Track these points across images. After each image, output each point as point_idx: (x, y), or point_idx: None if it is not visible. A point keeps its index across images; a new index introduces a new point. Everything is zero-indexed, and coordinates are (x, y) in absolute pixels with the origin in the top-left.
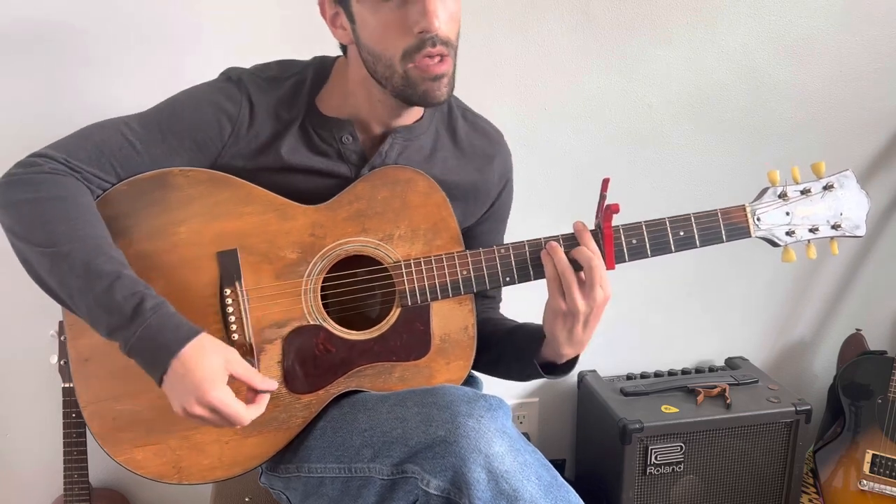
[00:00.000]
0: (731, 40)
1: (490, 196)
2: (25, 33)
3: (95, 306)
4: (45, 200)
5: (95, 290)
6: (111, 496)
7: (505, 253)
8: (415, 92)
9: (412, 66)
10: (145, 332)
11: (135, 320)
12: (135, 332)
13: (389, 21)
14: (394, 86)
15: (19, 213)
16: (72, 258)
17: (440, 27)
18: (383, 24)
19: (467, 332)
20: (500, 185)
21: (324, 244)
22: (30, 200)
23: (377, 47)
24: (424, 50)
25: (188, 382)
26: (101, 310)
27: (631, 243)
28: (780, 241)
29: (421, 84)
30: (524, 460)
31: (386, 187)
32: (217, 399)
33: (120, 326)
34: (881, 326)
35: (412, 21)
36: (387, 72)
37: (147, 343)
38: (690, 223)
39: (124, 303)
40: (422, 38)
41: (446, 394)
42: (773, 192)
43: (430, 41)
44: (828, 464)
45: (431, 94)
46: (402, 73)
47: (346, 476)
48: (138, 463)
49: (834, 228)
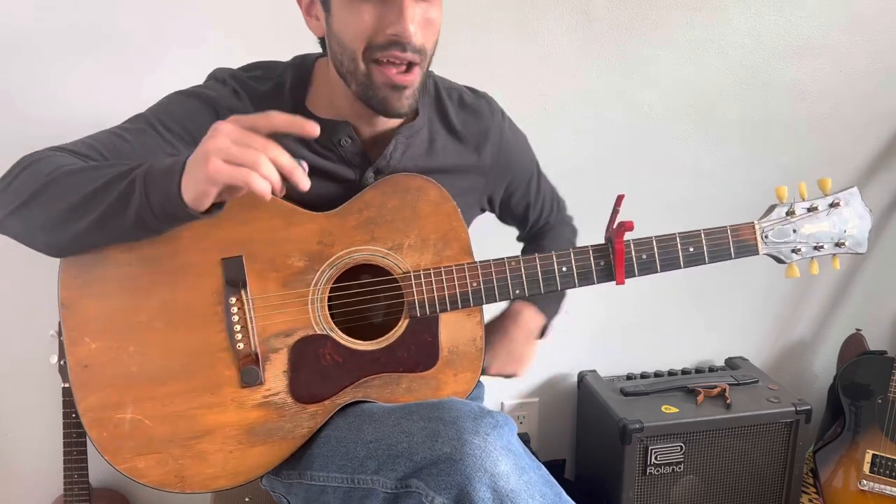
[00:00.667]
0: (732, 40)
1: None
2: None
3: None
4: (34, 163)
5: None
6: (111, 496)
7: (515, 266)
8: (375, 96)
9: (376, 67)
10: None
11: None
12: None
13: (363, 14)
14: (357, 82)
15: (14, 186)
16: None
17: (415, 34)
18: (356, 15)
19: (475, 344)
20: (501, 156)
21: (332, 252)
22: (21, 171)
23: (345, 38)
24: (391, 51)
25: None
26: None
27: (641, 258)
28: (786, 259)
29: (382, 90)
30: (529, 479)
31: (396, 195)
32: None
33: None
34: (881, 326)
35: (387, 21)
36: (350, 65)
37: (163, 160)
38: (700, 239)
39: (135, 166)
40: (392, 39)
41: (452, 409)
42: (780, 208)
43: (399, 45)
44: (828, 464)
45: (391, 102)
46: (365, 70)
47: (349, 486)
48: (140, 472)
49: (837, 246)
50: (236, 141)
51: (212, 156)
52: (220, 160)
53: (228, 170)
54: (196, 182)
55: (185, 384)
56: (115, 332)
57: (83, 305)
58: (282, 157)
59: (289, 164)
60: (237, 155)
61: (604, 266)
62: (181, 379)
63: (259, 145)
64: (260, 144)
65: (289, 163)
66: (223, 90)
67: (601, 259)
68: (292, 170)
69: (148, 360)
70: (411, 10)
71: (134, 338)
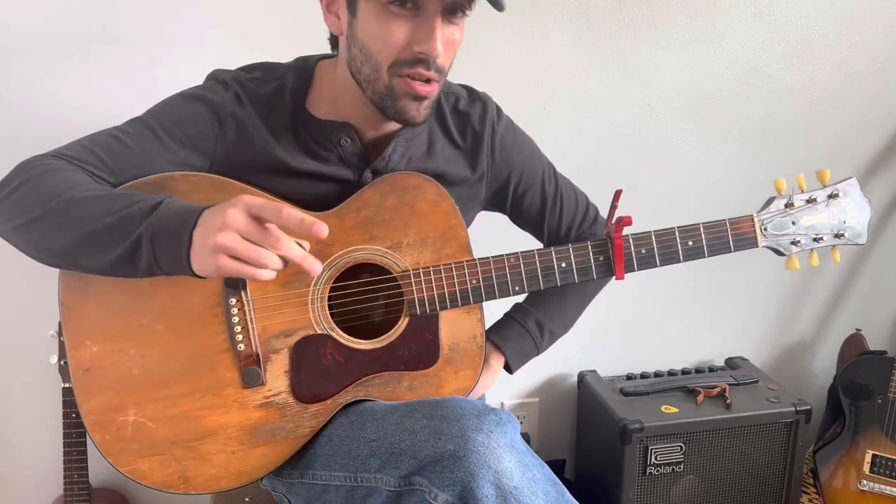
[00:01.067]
0: (732, 40)
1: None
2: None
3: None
4: (38, 177)
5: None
6: (111, 496)
7: (514, 263)
8: (393, 105)
9: (398, 79)
10: (167, 209)
11: (156, 208)
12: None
13: (395, 29)
14: (374, 91)
15: (14, 198)
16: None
17: (440, 54)
18: (387, 29)
19: (476, 342)
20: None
21: (331, 252)
22: (23, 182)
23: (371, 47)
24: (416, 69)
25: (217, 209)
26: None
27: (640, 253)
28: (786, 251)
29: (401, 99)
30: (532, 476)
31: (394, 194)
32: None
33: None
34: (881, 326)
35: (415, 39)
36: (372, 75)
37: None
38: (699, 233)
39: (143, 203)
40: (418, 57)
41: (455, 407)
42: (779, 201)
43: (424, 63)
44: (828, 464)
45: (408, 111)
46: (387, 82)
47: (351, 485)
48: (143, 473)
49: (837, 237)
50: (246, 235)
51: (220, 252)
52: (228, 257)
53: (235, 266)
54: (204, 268)
55: (186, 386)
56: (116, 335)
57: (84, 308)
58: (291, 251)
59: (298, 255)
60: (245, 254)
61: (603, 261)
62: (183, 381)
63: (269, 242)
64: (270, 241)
65: (298, 254)
66: (226, 94)
67: (600, 254)
68: (301, 260)
69: (149, 362)
70: (440, 32)
71: (135, 340)
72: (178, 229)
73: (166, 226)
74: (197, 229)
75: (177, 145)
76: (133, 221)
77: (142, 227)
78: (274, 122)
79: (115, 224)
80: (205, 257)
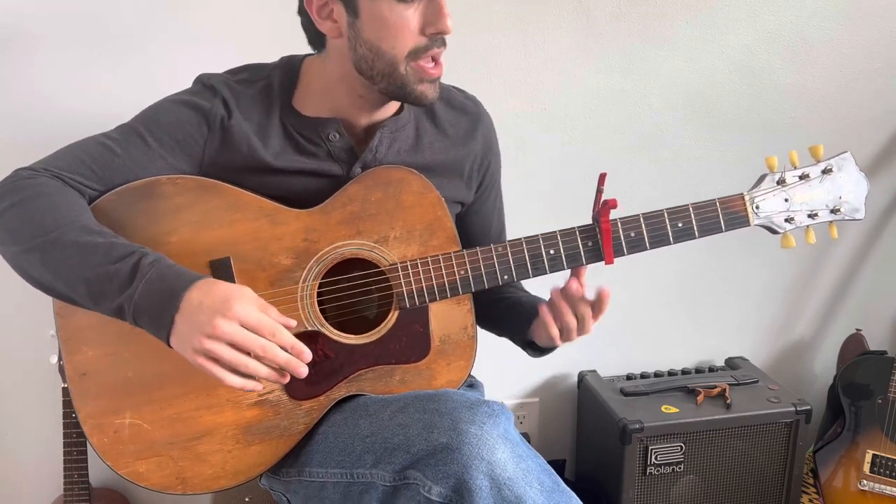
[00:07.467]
0: (731, 40)
1: (481, 167)
2: None
3: (95, 280)
4: (28, 200)
5: (91, 263)
6: (111, 496)
7: (502, 251)
8: (412, 91)
9: (413, 65)
10: (147, 287)
11: (135, 277)
12: (136, 288)
13: (408, 17)
14: (390, 82)
15: (4, 220)
16: (62, 242)
17: (451, 27)
18: (401, 20)
19: (467, 332)
20: (487, 154)
21: (318, 248)
22: (14, 204)
23: (383, 44)
24: (432, 50)
25: (207, 307)
26: (100, 281)
27: (629, 236)
28: (780, 229)
29: (418, 84)
30: (526, 466)
31: (379, 188)
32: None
33: (121, 288)
34: (881, 326)
35: (427, 22)
36: (387, 69)
37: (151, 295)
38: (689, 214)
39: (122, 265)
40: (433, 38)
41: (448, 400)
42: (771, 178)
43: (438, 42)
44: (828, 464)
45: (426, 94)
46: (403, 72)
47: (348, 481)
48: (141, 475)
49: (833, 213)
50: (234, 344)
51: (203, 355)
52: (210, 361)
53: (216, 370)
54: (183, 353)
55: (180, 387)
56: (109, 339)
57: (78, 314)
58: (278, 357)
59: (284, 361)
60: (230, 362)
61: (592, 246)
62: (177, 382)
63: (256, 350)
64: (256, 348)
65: (284, 360)
66: (213, 98)
67: (589, 240)
68: (287, 363)
69: (143, 365)
70: (446, 6)
71: (128, 344)
72: (161, 312)
73: (149, 305)
74: (181, 315)
75: (166, 151)
76: (111, 281)
77: (122, 298)
78: (262, 122)
79: (93, 280)
80: (186, 350)
